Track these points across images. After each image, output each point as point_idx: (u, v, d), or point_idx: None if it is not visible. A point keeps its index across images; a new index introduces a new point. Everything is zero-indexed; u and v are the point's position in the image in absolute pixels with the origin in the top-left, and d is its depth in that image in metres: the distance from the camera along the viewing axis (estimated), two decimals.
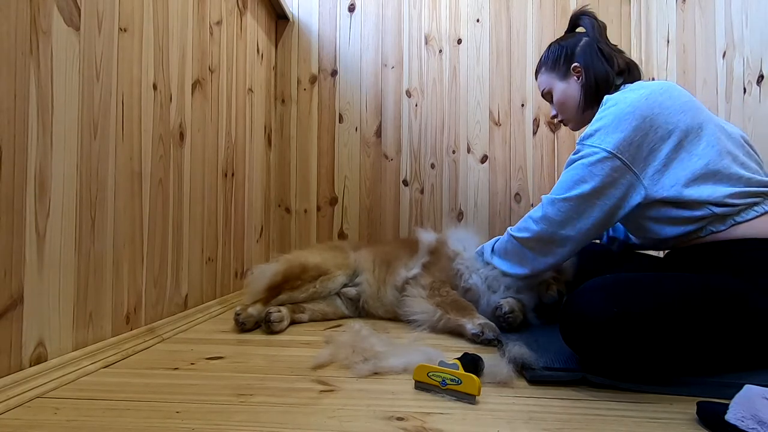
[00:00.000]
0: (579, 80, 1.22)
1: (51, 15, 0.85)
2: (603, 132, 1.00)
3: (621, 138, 0.97)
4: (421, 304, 1.30)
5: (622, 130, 0.97)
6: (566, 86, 1.25)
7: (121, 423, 0.69)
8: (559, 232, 1.05)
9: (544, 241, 1.08)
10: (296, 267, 1.40)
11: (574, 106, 1.24)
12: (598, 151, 0.99)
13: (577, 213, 1.02)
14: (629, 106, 0.98)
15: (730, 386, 0.71)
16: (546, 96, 1.33)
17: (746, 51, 1.39)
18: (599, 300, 0.84)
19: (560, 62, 1.26)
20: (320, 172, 2.17)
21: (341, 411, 0.74)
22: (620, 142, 0.97)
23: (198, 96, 1.42)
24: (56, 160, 0.87)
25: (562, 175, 1.06)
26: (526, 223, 1.12)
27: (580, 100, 1.22)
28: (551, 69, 1.28)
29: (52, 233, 0.86)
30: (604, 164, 0.98)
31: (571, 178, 1.02)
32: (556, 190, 1.05)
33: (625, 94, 1.03)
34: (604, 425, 0.70)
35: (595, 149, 0.99)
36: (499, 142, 2.12)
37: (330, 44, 2.18)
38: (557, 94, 1.27)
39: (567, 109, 1.27)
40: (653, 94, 0.99)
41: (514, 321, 1.20)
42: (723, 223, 0.94)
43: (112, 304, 1.03)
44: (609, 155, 0.97)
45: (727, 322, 0.85)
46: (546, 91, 1.32)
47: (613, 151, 0.97)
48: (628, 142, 0.97)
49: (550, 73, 1.29)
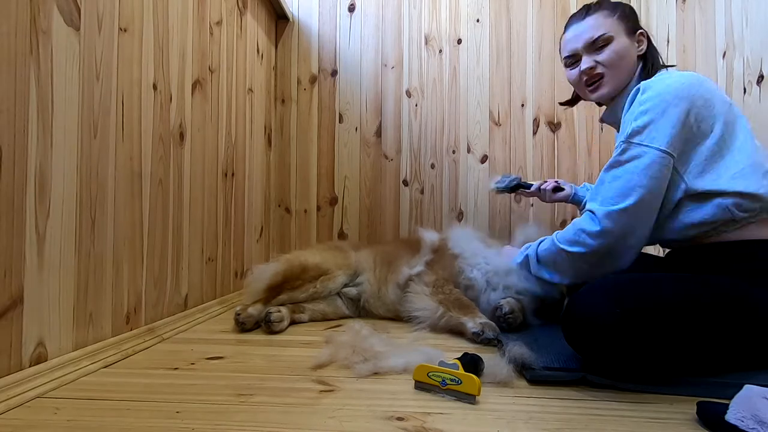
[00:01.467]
0: (639, 48, 1.11)
1: (51, 15, 0.85)
2: (653, 128, 0.92)
3: (672, 134, 0.91)
4: (423, 301, 1.30)
5: (672, 125, 0.91)
6: (629, 45, 1.11)
7: (121, 423, 0.69)
8: (620, 245, 0.97)
9: (604, 254, 0.99)
10: (296, 267, 1.40)
11: (628, 69, 1.11)
12: (652, 152, 0.92)
13: (638, 222, 0.95)
14: (675, 98, 0.92)
15: (730, 386, 0.71)
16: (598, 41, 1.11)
17: (746, 51, 1.39)
18: (602, 300, 0.84)
19: (631, 18, 1.13)
20: (320, 172, 2.17)
21: (341, 411, 0.74)
22: (672, 139, 0.91)
23: (198, 96, 1.42)
24: (56, 160, 0.87)
25: (610, 179, 0.97)
26: (579, 237, 1.00)
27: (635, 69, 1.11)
28: (621, 18, 1.12)
29: (52, 233, 0.86)
30: (660, 164, 0.92)
31: (625, 185, 0.94)
32: (610, 198, 0.95)
33: (664, 81, 0.96)
34: (604, 425, 0.70)
35: (648, 149, 0.92)
36: (499, 142, 2.12)
37: (330, 44, 2.18)
38: (620, 45, 1.10)
39: (619, 68, 1.11)
40: (694, 84, 0.94)
41: (514, 321, 1.20)
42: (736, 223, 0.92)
43: (112, 304, 1.03)
44: (663, 154, 0.91)
45: (728, 322, 0.85)
46: (604, 36, 1.10)
47: (667, 149, 0.92)
48: (678, 138, 0.92)
49: (618, 20, 1.11)
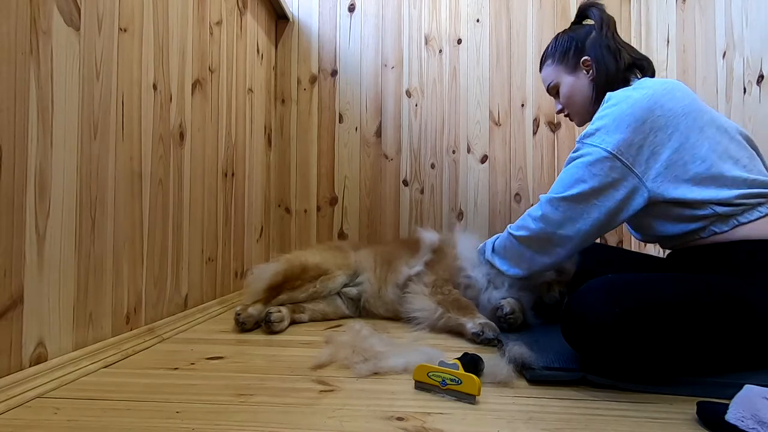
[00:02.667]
0: (588, 74, 1.18)
1: (51, 15, 0.85)
2: (603, 131, 0.98)
3: (621, 139, 0.95)
4: (422, 302, 1.30)
5: (622, 131, 0.96)
6: (575, 80, 1.21)
7: (121, 423, 0.69)
8: (557, 232, 1.04)
9: (543, 240, 1.07)
10: (296, 267, 1.40)
11: (582, 101, 1.21)
12: (598, 151, 0.97)
13: (576, 213, 1.01)
14: (630, 107, 0.97)
15: (730, 386, 0.71)
16: (551, 90, 1.28)
17: (746, 51, 1.39)
18: (601, 300, 0.84)
19: (569, 55, 1.21)
20: (320, 172, 2.17)
21: (341, 411, 0.74)
22: (620, 143, 0.95)
23: (198, 96, 1.42)
24: (56, 160, 0.87)
25: (561, 173, 1.04)
26: (524, 221, 1.11)
27: (590, 95, 1.18)
28: (559, 61, 1.23)
29: (52, 233, 0.86)
30: (603, 164, 0.96)
31: (569, 177, 1.01)
32: (555, 188, 1.04)
33: (627, 92, 1.01)
34: (604, 425, 0.70)
35: (595, 149, 0.98)
36: (499, 142, 2.12)
37: (330, 44, 2.18)
38: (565, 87, 1.23)
39: (574, 104, 1.23)
40: (655, 94, 0.97)
41: (515, 321, 1.20)
42: (726, 223, 0.93)
43: (112, 304, 1.03)
44: (609, 155, 0.96)
45: (727, 322, 0.85)
46: (552, 84, 1.27)
47: (612, 151, 0.96)
48: (628, 143, 0.95)
49: (557, 65, 1.24)
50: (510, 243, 1.16)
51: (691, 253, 1.00)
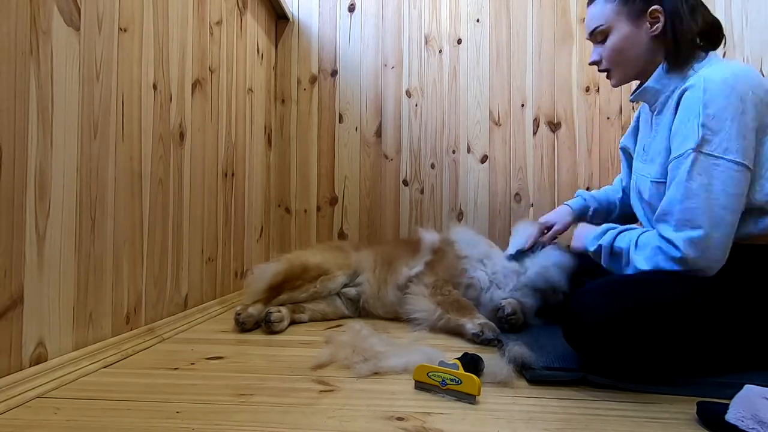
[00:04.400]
0: (652, 29, 0.97)
1: (51, 15, 0.85)
2: (725, 135, 0.83)
3: (744, 144, 0.83)
4: (422, 303, 1.30)
5: (743, 134, 0.82)
6: (633, 32, 0.98)
7: (121, 423, 0.69)
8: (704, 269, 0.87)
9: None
10: (297, 267, 1.40)
11: (634, 60, 1.00)
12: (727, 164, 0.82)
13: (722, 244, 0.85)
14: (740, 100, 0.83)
15: (730, 386, 0.71)
16: (596, 34, 1.03)
17: (746, 51, 1.39)
18: (601, 301, 0.84)
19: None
20: (320, 172, 2.17)
21: (341, 411, 0.74)
22: (745, 149, 0.83)
23: (198, 96, 1.42)
24: (56, 160, 0.87)
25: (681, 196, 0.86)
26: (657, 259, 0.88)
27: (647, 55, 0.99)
28: (623, 1, 0.99)
29: (52, 233, 0.86)
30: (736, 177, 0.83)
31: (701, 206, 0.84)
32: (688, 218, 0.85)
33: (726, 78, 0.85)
34: (604, 425, 0.70)
35: (722, 160, 0.83)
36: (499, 142, 2.12)
37: (330, 44, 2.17)
38: (618, 38, 1.00)
39: (622, 61, 1.02)
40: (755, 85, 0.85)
41: (516, 322, 1.20)
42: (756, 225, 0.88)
43: (112, 304, 1.03)
44: (739, 166, 0.83)
45: (727, 323, 0.85)
46: (601, 29, 1.01)
47: (743, 161, 0.83)
48: (750, 147, 0.84)
49: (619, 5, 0.99)
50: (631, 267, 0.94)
51: None
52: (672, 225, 0.87)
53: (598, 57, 1.06)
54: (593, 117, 2.09)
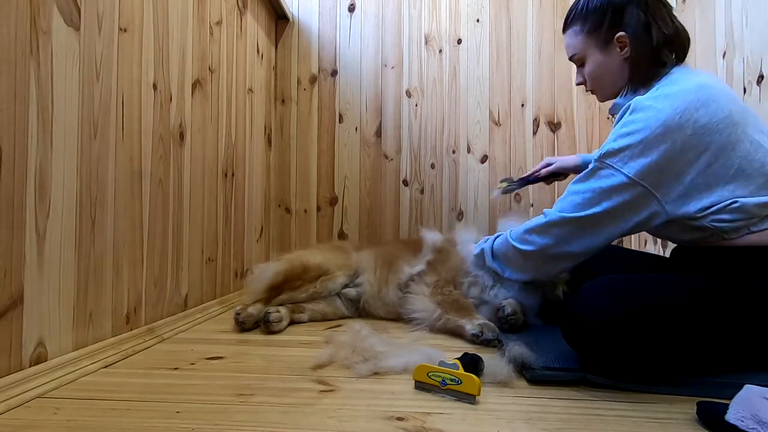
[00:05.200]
0: (622, 52, 1.03)
1: (51, 15, 0.85)
2: (628, 153, 0.89)
3: (647, 163, 0.87)
4: (422, 302, 1.30)
5: (648, 155, 0.87)
6: (605, 58, 1.05)
7: (121, 423, 0.69)
8: (565, 249, 0.99)
9: (548, 256, 1.03)
10: (297, 267, 1.40)
11: (611, 81, 1.07)
12: (620, 176, 0.89)
13: (587, 233, 0.95)
14: (661, 126, 0.86)
15: (730, 386, 0.71)
16: (575, 60, 1.13)
17: (746, 51, 1.38)
18: (601, 300, 0.84)
19: (603, 26, 1.03)
20: (320, 172, 2.17)
21: (341, 411, 0.74)
22: (645, 168, 0.87)
23: (198, 96, 1.42)
24: (56, 160, 0.87)
25: (574, 189, 0.96)
26: (529, 235, 1.04)
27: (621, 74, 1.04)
28: (590, 32, 1.06)
29: (52, 233, 0.86)
30: (624, 190, 0.89)
31: (584, 199, 0.94)
32: (566, 206, 0.96)
33: (658, 101, 0.90)
34: (604, 425, 0.70)
35: (616, 173, 0.90)
36: (499, 142, 2.12)
37: (330, 44, 2.17)
38: (593, 65, 1.08)
39: (601, 83, 1.09)
40: (689, 108, 0.87)
41: (516, 322, 1.20)
42: (737, 232, 0.89)
43: (112, 304, 1.03)
44: (630, 182, 0.88)
45: (727, 324, 0.85)
46: (576, 57, 1.11)
47: (636, 178, 0.88)
48: (653, 167, 0.87)
49: (587, 36, 1.06)
50: (513, 253, 1.11)
51: (695, 253, 0.98)
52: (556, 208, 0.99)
53: (582, 79, 1.14)
54: (593, 117, 2.09)
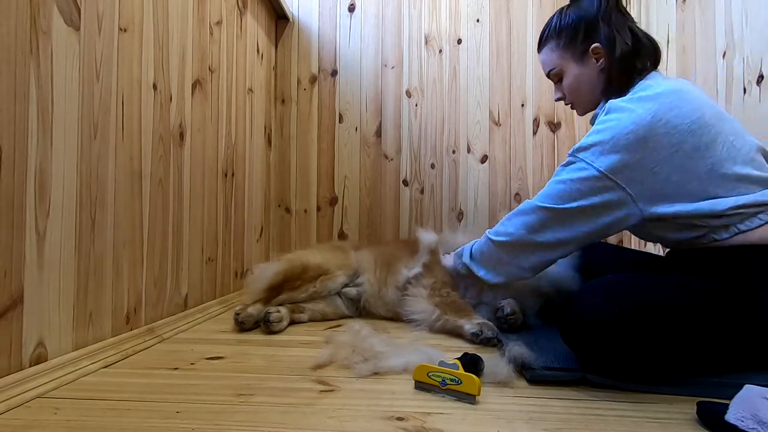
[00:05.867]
0: (598, 63, 1.06)
1: (51, 15, 0.85)
2: (599, 149, 0.92)
3: (616, 160, 0.90)
4: (420, 304, 1.30)
5: (618, 151, 0.90)
6: (582, 70, 1.08)
7: (121, 423, 0.69)
8: (537, 240, 1.00)
9: (522, 246, 1.02)
10: (297, 267, 1.40)
11: (589, 92, 1.09)
12: (590, 169, 0.92)
13: (561, 225, 0.97)
14: (632, 124, 0.89)
15: (730, 386, 0.71)
16: (552, 76, 1.15)
17: (746, 51, 1.38)
18: (599, 300, 0.84)
19: (578, 40, 1.07)
20: (320, 172, 2.17)
21: (341, 411, 0.74)
22: (615, 164, 0.90)
23: (198, 96, 1.42)
24: (56, 160, 0.87)
25: (551, 183, 0.99)
26: (504, 226, 1.05)
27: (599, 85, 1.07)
28: (565, 47, 1.09)
29: (52, 233, 0.86)
30: (594, 183, 0.92)
31: (558, 191, 0.96)
32: (543, 198, 0.99)
33: (631, 105, 0.93)
34: (604, 425, 0.70)
35: (587, 166, 0.92)
36: (499, 142, 2.12)
37: (330, 44, 2.17)
38: (570, 78, 1.10)
39: (579, 95, 1.12)
40: (661, 109, 0.90)
41: (515, 322, 1.20)
42: (726, 231, 0.90)
43: (112, 304, 1.03)
44: (600, 176, 0.91)
45: (727, 324, 0.85)
46: (554, 72, 1.13)
47: (605, 172, 0.90)
48: (624, 164, 0.90)
49: (562, 51, 1.10)
50: (488, 248, 1.10)
51: (691, 255, 0.99)
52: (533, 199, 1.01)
53: (561, 94, 1.17)
54: None
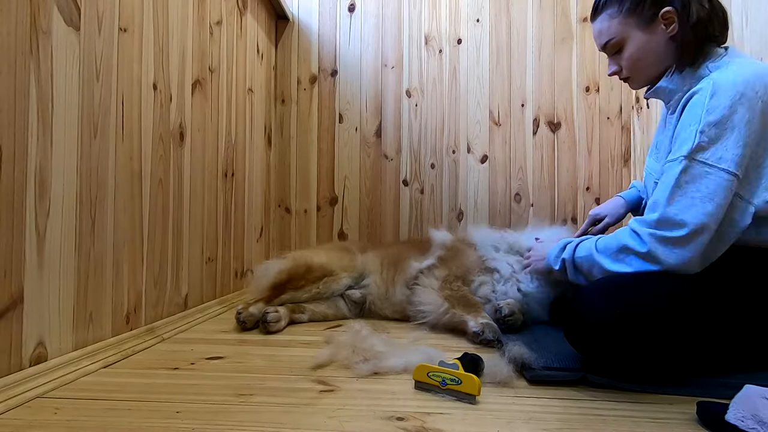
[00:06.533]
0: (668, 29, 0.93)
1: (51, 15, 0.85)
2: (723, 145, 0.81)
3: (742, 153, 0.81)
4: (430, 295, 1.30)
5: (741, 144, 0.80)
6: (649, 38, 0.95)
7: (121, 423, 0.69)
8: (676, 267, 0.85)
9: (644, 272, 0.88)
10: (301, 266, 1.40)
11: (654, 63, 0.96)
12: (719, 173, 0.81)
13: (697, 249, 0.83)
14: (747, 110, 0.80)
15: (730, 386, 0.71)
16: (609, 48, 1.00)
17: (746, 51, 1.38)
18: (603, 301, 0.83)
19: (646, 3, 0.94)
20: (320, 172, 2.17)
21: (341, 411, 0.74)
22: (741, 158, 0.81)
23: (198, 96, 1.42)
24: (56, 160, 0.86)
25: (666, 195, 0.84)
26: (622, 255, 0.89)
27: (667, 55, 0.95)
28: (629, 13, 0.95)
29: (52, 233, 0.86)
30: (726, 189, 0.81)
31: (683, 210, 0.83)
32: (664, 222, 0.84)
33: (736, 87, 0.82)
34: (604, 425, 0.70)
35: (714, 169, 0.81)
36: (499, 142, 2.12)
37: (330, 44, 2.17)
38: (634, 47, 0.96)
39: (642, 69, 0.98)
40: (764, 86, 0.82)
41: (515, 323, 1.20)
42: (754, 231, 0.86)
43: (112, 304, 1.03)
44: (732, 177, 0.81)
45: (729, 324, 0.85)
46: (613, 42, 0.98)
47: (736, 171, 0.81)
48: (747, 156, 0.81)
49: (625, 17, 0.95)
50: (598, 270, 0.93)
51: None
52: (648, 223, 0.86)
53: (617, 68, 1.02)
54: (593, 117, 2.09)
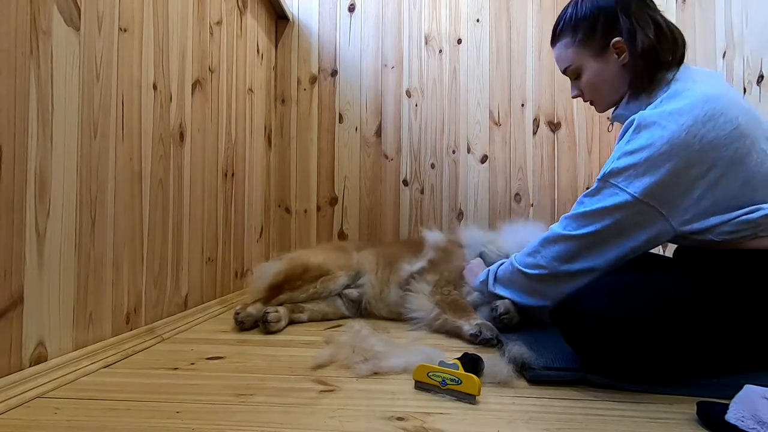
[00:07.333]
0: (620, 58, 0.98)
1: (51, 15, 0.85)
2: (632, 173, 0.86)
3: (652, 182, 0.84)
4: (420, 301, 1.30)
5: (653, 174, 0.84)
6: (603, 66, 1.00)
7: (121, 423, 0.69)
8: (573, 268, 0.94)
9: (558, 276, 0.97)
10: (298, 267, 1.40)
11: (610, 89, 1.02)
12: (624, 196, 0.86)
13: (594, 250, 0.92)
14: (666, 144, 0.83)
15: (730, 386, 0.71)
16: (569, 73, 1.07)
17: (746, 51, 1.38)
18: (601, 301, 0.83)
19: (596, 34, 0.98)
20: (320, 172, 2.17)
21: (341, 411, 0.74)
22: (651, 186, 0.85)
23: (198, 96, 1.42)
24: (56, 160, 0.86)
25: (579, 209, 0.93)
26: (535, 258, 0.99)
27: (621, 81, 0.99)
28: (582, 43, 1.01)
29: (52, 233, 0.86)
30: (629, 209, 0.87)
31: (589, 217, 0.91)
32: (570, 225, 0.94)
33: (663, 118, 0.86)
34: (604, 425, 0.69)
35: (621, 192, 0.87)
36: (499, 142, 2.12)
37: (330, 44, 2.17)
38: (590, 74, 1.03)
39: (599, 93, 1.05)
40: (696, 124, 0.83)
41: (510, 322, 1.19)
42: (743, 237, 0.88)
43: (112, 304, 1.03)
44: (635, 201, 0.86)
45: (729, 325, 0.85)
46: (570, 69, 1.05)
47: (641, 197, 0.85)
48: (660, 186, 0.84)
49: (579, 47, 1.01)
50: (519, 278, 1.04)
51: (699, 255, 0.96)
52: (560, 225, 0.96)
53: (578, 92, 1.09)
54: (593, 117, 2.09)
